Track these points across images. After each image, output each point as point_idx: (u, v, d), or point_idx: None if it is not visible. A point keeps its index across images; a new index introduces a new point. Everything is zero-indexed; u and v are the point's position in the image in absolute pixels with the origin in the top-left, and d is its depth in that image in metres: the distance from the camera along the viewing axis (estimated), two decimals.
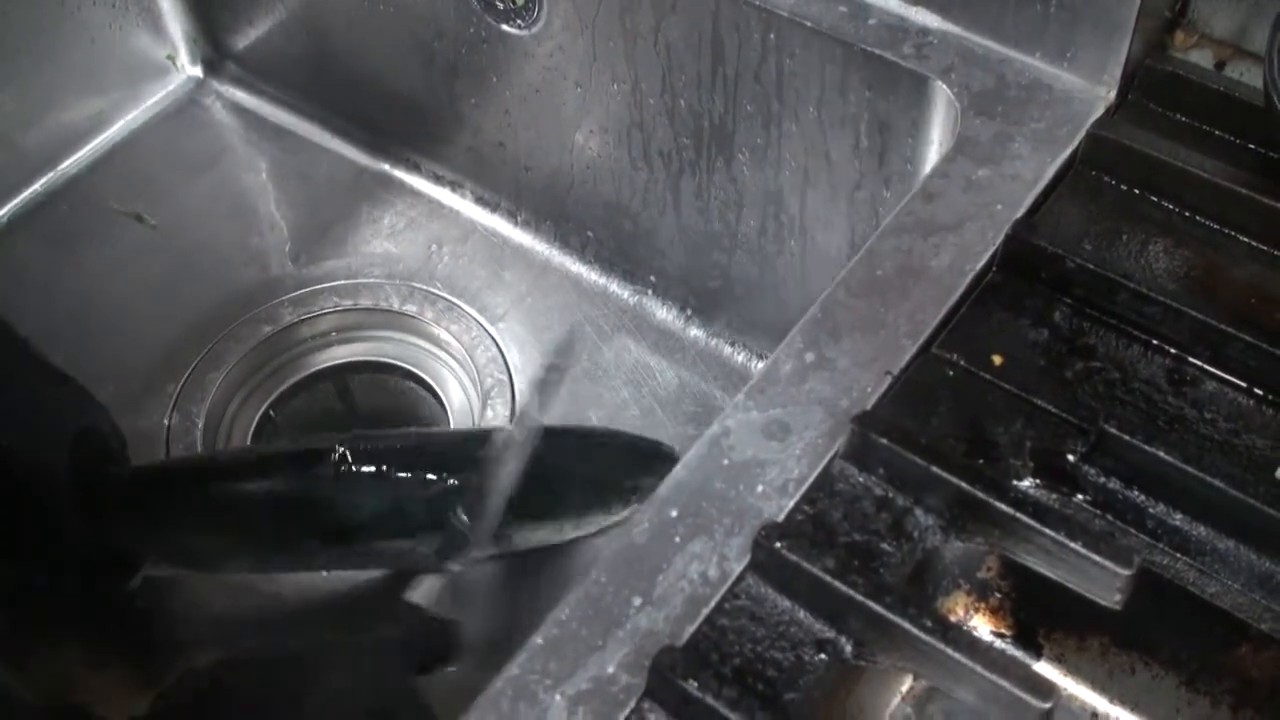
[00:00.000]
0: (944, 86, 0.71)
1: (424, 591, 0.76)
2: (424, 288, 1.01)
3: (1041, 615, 0.61)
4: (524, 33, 0.90)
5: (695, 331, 0.98)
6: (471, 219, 1.06)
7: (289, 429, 1.00)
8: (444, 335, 0.99)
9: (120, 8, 1.08)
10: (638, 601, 0.53)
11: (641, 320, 0.99)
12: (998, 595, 0.62)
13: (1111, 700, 0.61)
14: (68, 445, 0.76)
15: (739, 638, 0.52)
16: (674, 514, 0.56)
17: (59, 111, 1.09)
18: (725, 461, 0.57)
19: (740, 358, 0.97)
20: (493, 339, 0.98)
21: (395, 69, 1.01)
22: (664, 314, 0.99)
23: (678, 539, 0.55)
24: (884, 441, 0.55)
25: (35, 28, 1.04)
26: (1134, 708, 0.60)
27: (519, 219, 1.05)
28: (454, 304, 1.00)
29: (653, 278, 0.99)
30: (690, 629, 0.52)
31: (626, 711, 0.50)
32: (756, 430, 0.58)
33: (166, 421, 0.95)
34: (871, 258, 0.64)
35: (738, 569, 0.54)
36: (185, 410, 0.95)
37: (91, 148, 1.11)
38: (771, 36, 0.77)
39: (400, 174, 1.10)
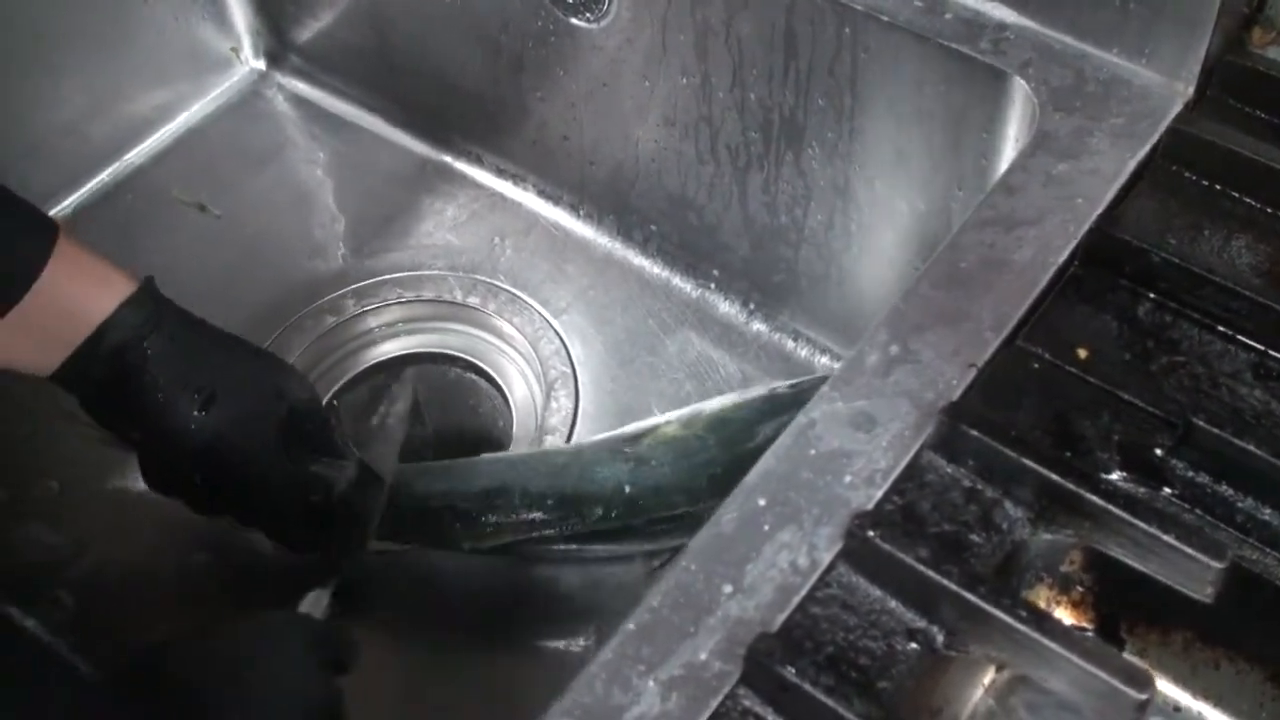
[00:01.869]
0: (1022, 82, 0.72)
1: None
2: (487, 280, 1.02)
3: (1124, 609, 0.61)
4: (592, 26, 0.90)
5: (758, 326, 0.99)
6: (534, 212, 1.07)
7: (351, 419, 1.01)
8: (507, 328, 1.00)
9: (186, 0, 1.09)
10: (728, 589, 0.54)
11: (704, 314, 1.00)
12: (1080, 589, 0.62)
13: (1195, 695, 0.61)
14: (277, 427, 0.79)
15: (831, 626, 0.53)
16: (762, 503, 0.56)
17: (124, 102, 1.10)
18: (812, 451, 0.57)
19: (803, 352, 0.97)
20: (556, 332, 0.99)
21: (460, 62, 1.02)
22: (727, 308, 1.00)
23: (766, 528, 0.55)
24: (974, 433, 0.55)
25: (103, 19, 1.05)
26: (1217, 703, 0.61)
27: (581, 212, 1.05)
28: (517, 296, 1.01)
29: (716, 272, 0.99)
30: (781, 617, 0.53)
31: (720, 697, 0.51)
32: (843, 421, 0.58)
33: None
34: (954, 251, 0.64)
35: (827, 558, 0.54)
36: None
37: (156, 139, 1.12)
38: (846, 30, 0.77)
39: (462, 166, 1.10)
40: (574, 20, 0.91)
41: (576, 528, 0.81)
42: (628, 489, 0.81)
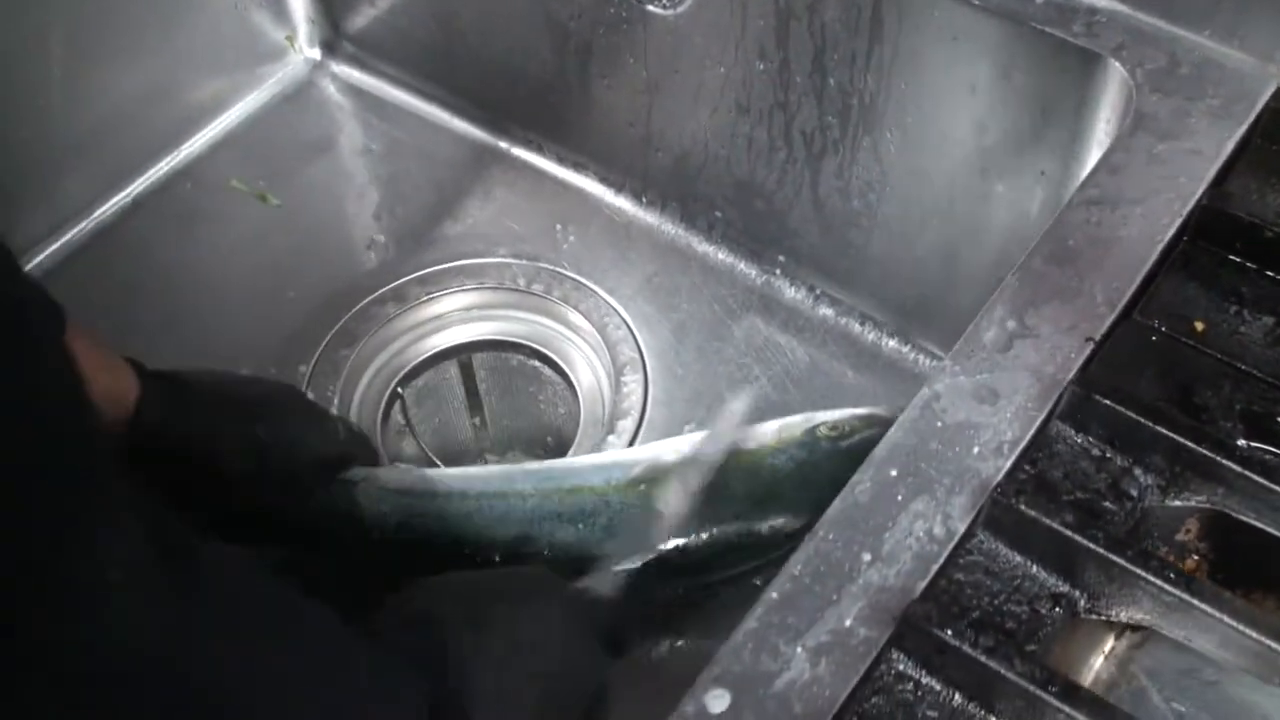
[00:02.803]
0: (1117, 64, 0.73)
1: None
2: (550, 267, 1.02)
3: (1239, 577, 0.62)
4: (667, 13, 0.91)
5: (825, 310, 0.99)
6: (597, 198, 1.07)
7: (417, 407, 1.02)
8: (572, 314, 1.00)
9: None
10: (867, 558, 0.54)
11: (770, 300, 1.00)
12: (1195, 557, 0.63)
13: None
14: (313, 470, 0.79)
15: (976, 592, 0.54)
16: (894, 474, 0.57)
17: (182, 91, 1.10)
18: (939, 424, 0.58)
19: (870, 336, 0.98)
20: (622, 318, 0.99)
21: (524, 49, 1.02)
22: (793, 293, 1.00)
23: (900, 498, 0.56)
24: (1106, 402, 0.56)
25: (162, 8, 1.05)
26: None
27: (645, 199, 1.06)
28: (581, 283, 1.01)
29: (781, 258, 1.00)
30: (922, 584, 0.53)
31: (870, 662, 0.51)
32: (966, 394, 0.59)
33: None
34: (1061, 228, 0.65)
35: (962, 527, 0.55)
36: (319, 388, 0.96)
37: (213, 127, 1.12)
38: (936, 14, 0.78)
39: (521, 153, 1.11)
40: (650, 7, 0.91)
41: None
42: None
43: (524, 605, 0.65)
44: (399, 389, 1.00)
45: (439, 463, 0.98)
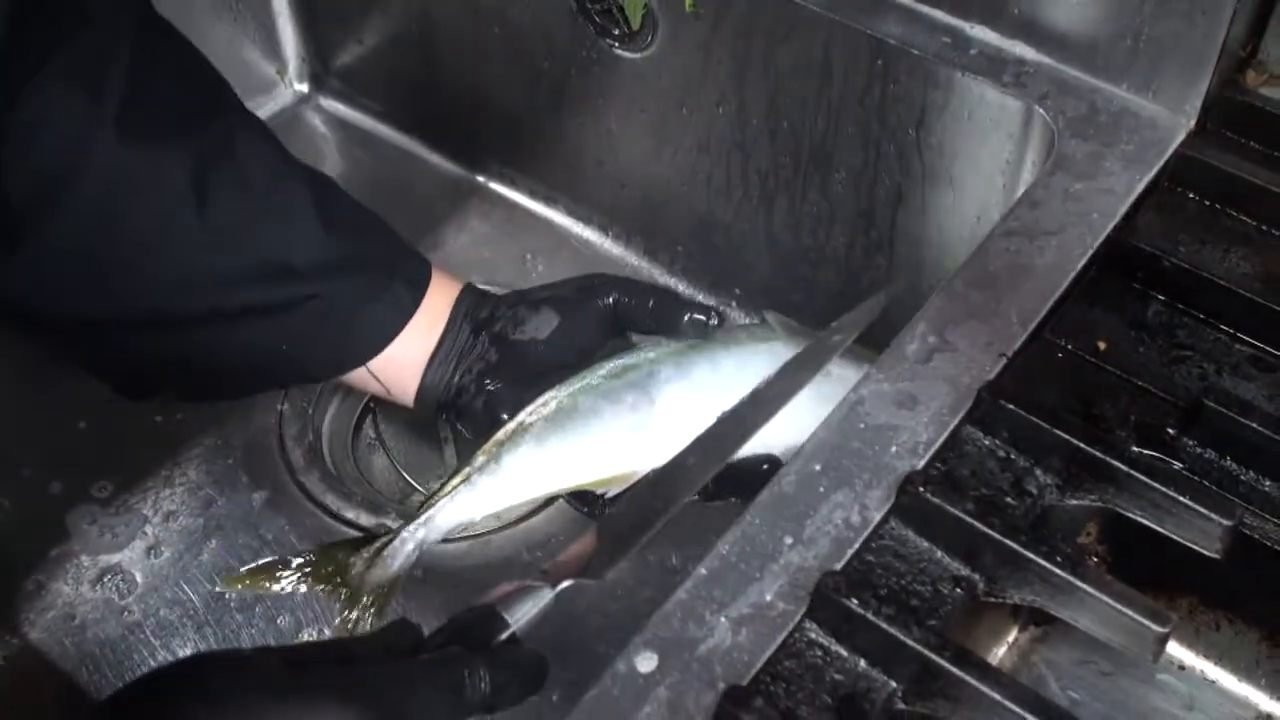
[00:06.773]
0: (1041, 111, 0.79)
1: None
2: None
3: (1135, 578, 0.67)
4: (635, 56, 0.97)
5: None
6: (566, 230, 1.13)
7: (388, 422, 1.06)
8: None
9: (240, 24, 1.15)
10: (789, 541, 0.60)
11: None
12: (1094, 559, 0.68)
13: (1197, 654, 0.68)
14: None
15: (885, 572, 0.59)
16: (817, 468, 0.62)
17: None
18: (861, 425, 0.64)
19: None
20: None
21: (500, 88, 1.08)
22: (746, 323, 1.06)
23: (822, 489, 0.61)
24: (1011, 407, 0.62)
25: None
26: (1218, 660, 0.67)
27: (611, 232, 1.12)
28: None
29: (737, 289, 1.06)
30: (838, 565, 0.59)
31: (786, 632, 0.57)
32: (888, 400, 0.65)
33: (280, 407, 1.01)
34: (983, 256, 0.71)
35: (877, 516, 0.60)
36: (296, 401, 1.01)
37: None
38: (879, 63, 0.84)
39: (495, 186, 1.17)
40: (619, 51, 0.98)
41: None
42: None
43: None
44: (371, 404, 1.05)
45: (407, 475, 1.02)
